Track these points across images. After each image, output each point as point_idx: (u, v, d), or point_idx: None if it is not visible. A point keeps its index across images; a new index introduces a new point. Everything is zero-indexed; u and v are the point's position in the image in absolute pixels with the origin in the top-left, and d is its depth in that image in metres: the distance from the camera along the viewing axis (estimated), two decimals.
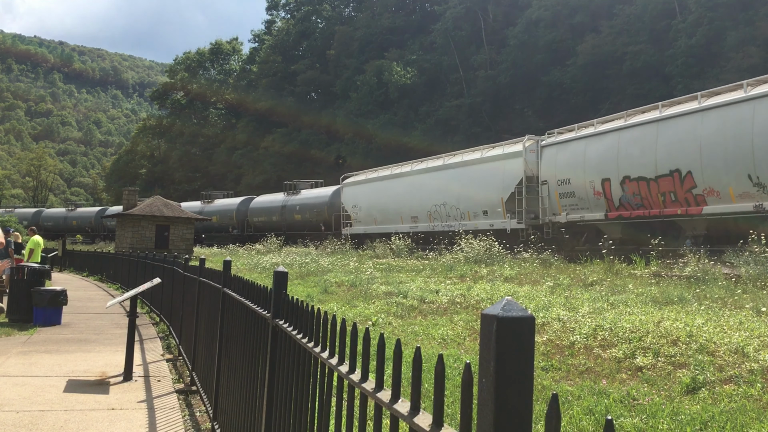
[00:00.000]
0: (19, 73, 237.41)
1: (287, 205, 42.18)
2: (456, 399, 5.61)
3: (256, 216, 46.04)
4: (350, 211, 35.27)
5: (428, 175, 29.72)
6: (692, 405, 5.65)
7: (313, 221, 39.15)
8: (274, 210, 43.86)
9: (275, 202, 44.47)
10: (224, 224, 49.67)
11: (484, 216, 25.81)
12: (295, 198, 42.29)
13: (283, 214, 42.42)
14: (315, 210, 39.13)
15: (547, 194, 22.95)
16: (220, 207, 51.26)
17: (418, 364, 1.58)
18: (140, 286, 8.39)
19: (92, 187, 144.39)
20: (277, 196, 45.51)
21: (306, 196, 41.56)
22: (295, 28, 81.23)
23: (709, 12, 40.40)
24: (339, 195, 37.05)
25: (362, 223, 34.15)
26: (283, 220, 42.32)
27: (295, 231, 40.69)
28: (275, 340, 3.32)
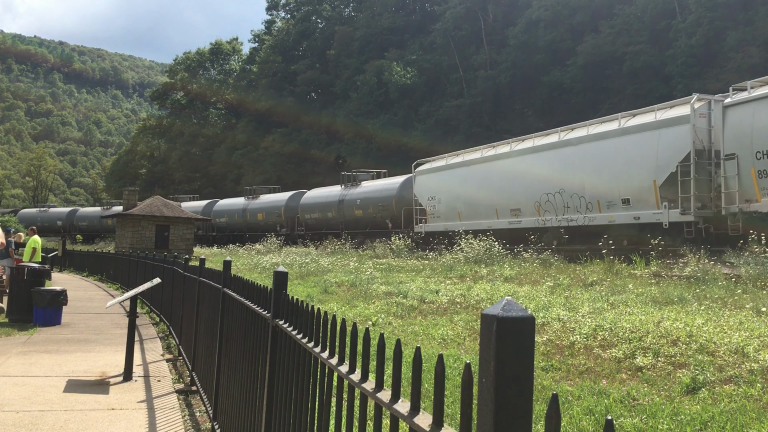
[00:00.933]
0: (19, 73, 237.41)
1: (345, 200, 36.14)
2: (456, 399, 5.61)
3: (308, 212, 40.35)
4: (425, 204, 29.53)
5: (536, 156, 23.35)
6: (692, 405, 5.65)
7: (378, 217, 33.70)
8: (329, 205, 37.97)
9: (331, 195, 38.51)
10: (271, 222, 44.44)
11: (624, 206, 19.70)
12: (354, 191, 36.23)
13: (340, 209, 36.69)
14: (380, 204, 33.22)
15: (736, 173, 16.66)
16: (266, 203, 45.88)
17: (418, 364, 1.58)
18: (140, 286, 8.39)
19: (92, 187, 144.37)
20: (333, 189, 39.64)
21: (368, 188, 35.39)
22: (295, 28, 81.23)
23: (709, 12, 40.39)
24: (410, 185, 31.49)
25: (441, 218, 28.27)
26: (340, 216, 36.71)
27: (355, 229, 35.24)
28: (275, 340, 3.32)
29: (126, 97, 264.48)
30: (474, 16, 59.99)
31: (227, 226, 50.18)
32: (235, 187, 70.68)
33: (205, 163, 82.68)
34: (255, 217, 46.48)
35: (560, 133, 22.85)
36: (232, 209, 50.12)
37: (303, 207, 41.14)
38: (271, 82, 79.27)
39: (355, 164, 59.62)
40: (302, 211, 41.08)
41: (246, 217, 47.35)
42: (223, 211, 51.05)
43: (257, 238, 41.93)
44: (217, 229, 51.01)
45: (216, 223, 50.99)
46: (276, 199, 45.81)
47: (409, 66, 61.43)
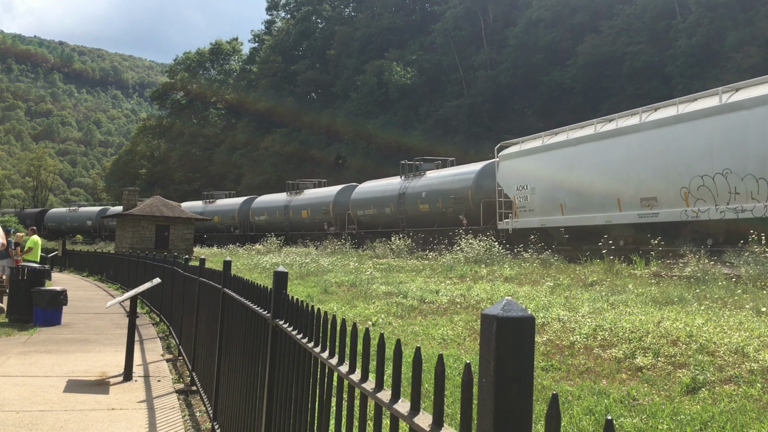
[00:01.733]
0: (19, 73, 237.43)
1: (407, 193, 31.38)
2: (456, 399, 5.61)
3: (361, 208, 34.91)
4: (514, 194, 23.89)
5: (683, 127, 17.47)
6: (692, 405, 5.65)
7: (448, 213, 28.34)
8: (386, 200, 32.91)
9: (389, 188, 33.07)
10: (317, 220, 39.38)
11: None
12: (418, 182, 31.06)
13: (401, 204, 31.49)
14: (451, 197, 28.07)
15: None
16: (311, 199, 41.01)
17: (418, 365, 1.58)
18: (140, 287, 8.39)
19: (92, 187, 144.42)
20: (392, 181, 34.18)
21: (435, 178, 30.31)
22: (295, 28, 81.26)
23: (709, 12, 40.41)
24: (490, 173, 26.23)
25: (536, 212, 22.64)
26: (400, 212, 31.52)
27: (419, 226, 30.40)
28: (275, 340, 3.32)
29: (126, 97, 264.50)
30: (474, 16, 60.00)
31: (267, 225, 45.34)
32: (235, 187, 70.72)
33: (205, 163, 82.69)
34: (299, 214, 41.98)
35: (722, 94, 16.61)
36: (273, 206, 45.51)
37: (355, 202, 35.70)
38: (271, 82, 79.31)
39: (355, 164, 59.68)
40: (354, 207, 35.57)
41: (289, 215, 42.63)
42: (262, 208, 46.44)
43: (301, 239, 38.87)
44: (256, 228, 46.04)
45: (255, 222, 46.94)
46: (323, 194, 40.32)
47: (409, 66, 61.46)
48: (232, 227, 50.16)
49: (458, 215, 27.54)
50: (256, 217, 46.95)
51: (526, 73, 51.60)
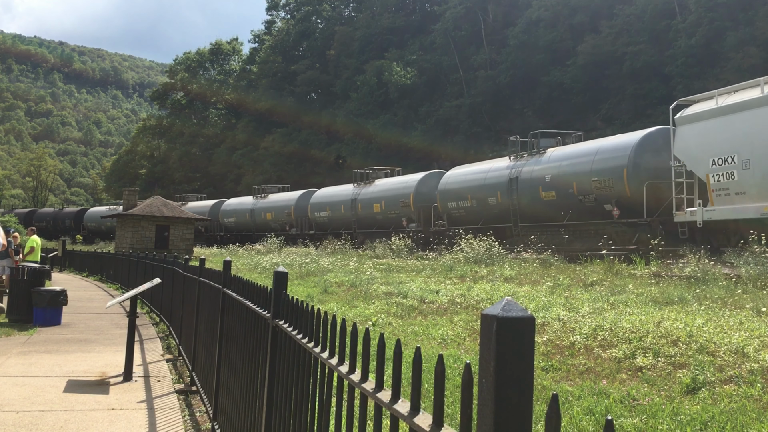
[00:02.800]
0: (19, 73, 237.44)
1: (521, 178, 23.98)
2: (456, 399, 5.61)
3: (452, 200, 27.78)
4: (705, 172, 16.94)
5: None
6: (692, 405, 5.65)
7: (587, 201, 21.18)
8: (489, 188, 25.59)
9: (492, 175, 25.82)
10: (390, 218, 32.08)
11: None
12: (537, 164, 23.60)
13: (511, 192, 24.21)
14: (593, 180, 20.71)
15: None
16: (382, 191, 33.34)
17: (418, 365, 1.58)
18: (140, 287, 8.39)
19: (92, 187, 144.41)
20: (488, 165, 27.17)
21: (559, 156, 22.92)
22: (295, 29, 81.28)
23: (709, 12, 40.41)
24: (657, 144, 19.63)
25: (751, 194, 15.70)
26: (510, 202, 24.33)
27: (535, 221, 23.41)
28: (275, 340, 3.32)
29: (126, 97, 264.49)
30: (474, 16, 60.00)
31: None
32: (235, 187, 70.73)
33: (205, 163, 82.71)
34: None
35: None
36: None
37: (444, 193, 28.29)
38: (271, 82, 79.32)
39: (355, 164, 59.66)
40: (443, 198, 28.33)
41: (356, 210, 35.53)
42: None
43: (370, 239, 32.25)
44: (312, 227, 40.15)
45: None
46: (402, 182, 32.68)
47: (409, 66, 61.46)
48: (287, 225, 44.97)
49: (603, 204, 20.60)
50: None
51: (526, 73, 51.60)
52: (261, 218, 45.11)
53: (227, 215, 49.35)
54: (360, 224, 34.66)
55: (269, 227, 43.35)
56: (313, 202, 39.90)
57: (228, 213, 49.43)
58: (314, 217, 39.33)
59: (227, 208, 49.91)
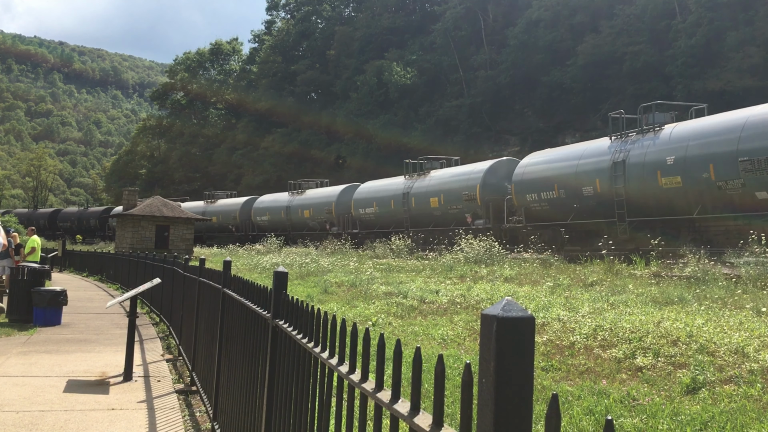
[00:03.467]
0: (19, 73, 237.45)
1: (629, 162, 19.67)
2: (456, 399, 5.61)
3: (530, 192, 23.52)
4: None
5: None
6: (692, 405, 5.65)
7: (732, 189, 16.52)
8: (594, 172, 20.95)
9: (593, 157, 21.30)
10: (451, 214, 28.30)
11: None
12: (655, 142, 19.14)
13: (616, 179, 19.94)
14: (747, 161, 15.91)
15: None
16: (448, 179, 29.20)
17: (418, 365, 1.58)
18: (140, 287, 8.39)
19: (92, 187, 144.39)
20: (596, 144, 22.01)
21: (692, 134, 18.02)
22: (295, 29, 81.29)
23: (709, 12, 40.41)
24: None
25: None
26: (615, 193, 19.83)
27: (646, 215, 19.26)
28: (275, 340, 3.32)
29: (126, 98, 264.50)
30: (474, 16, 60.02)
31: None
32: (235, 187, 70.75)
33: (205, 163, 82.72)
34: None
35: None
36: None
37: (521, 184, 24.18)
38: (271, 82, 79.34)
39: (355, 164, 59.71)
40: (519, 190, 24.31)
41: (409, 206, 31.56)
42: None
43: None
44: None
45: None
46: (465, 172, 28.36)
47: (409, 66, 61.47)
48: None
49: (755, 192, 15.53)
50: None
51: (526, 73, 51.60)
52: (297, 216, 41.59)
53: (260, 213, 45.33)
54: (413, 222, 30.71)
55: (306, 225, 40.41)
56: (357, 197, 35.98)
57: (261, 211, 45.28)
58: (358, 214, 35.59)
59: (260, 206, 45.86)
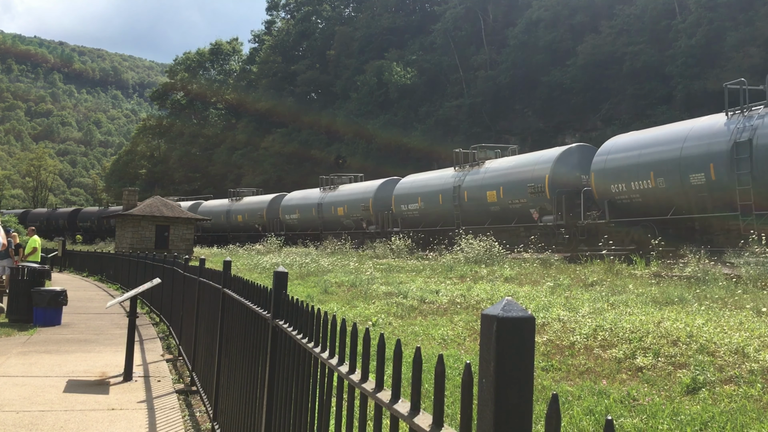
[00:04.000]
0: (19, 73, 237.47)
1: None
2: (456, 399, 5.61)
3: (617, 181, 20.48)
4: None
5: None
6: (692, 405, 5.65)
7: None
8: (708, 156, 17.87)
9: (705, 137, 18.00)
10: (513, 209, 25.34)
11: None
12: None
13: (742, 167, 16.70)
14: None
15: None
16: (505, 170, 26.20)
17: (418, 365, 1.58)
18: (140, 287, 8.39)
19: (92, 188, 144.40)
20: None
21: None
22: (295, 29, 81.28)
23: (709, 12, 40.40)
24: None
25: None
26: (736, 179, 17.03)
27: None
28: (275, 341, 3.32)
29: (126, 98, 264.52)
30: (474, 16, 60.01)
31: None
32: (235, 187, 70.71)
33: (205, 163, 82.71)
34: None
35: None
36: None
37: (604, 173, 20.98)
38: (271, 82, 79.33)
39: (355, 164, 59.69)
40: (603, 177, 21.11)
41: (460, 200, 28.31)
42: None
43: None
44: (397, 224, 32.58)
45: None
46: (526, 162, 25.51)
47: (409, 66, 61.46)
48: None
49: None
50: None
51: (526, 73, 51.60)
52: (330, 214, 38.39)
53: (288, 211, 41.81)
54: (466, 219, 27.33)
55: (341, 224, 37.31)
56: (398, 192, 32.83)
57: (289, 209, 41.69)
58: (400, 211, 32.30)
59: (288, 203, 42.31)
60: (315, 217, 39.53)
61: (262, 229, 43.29)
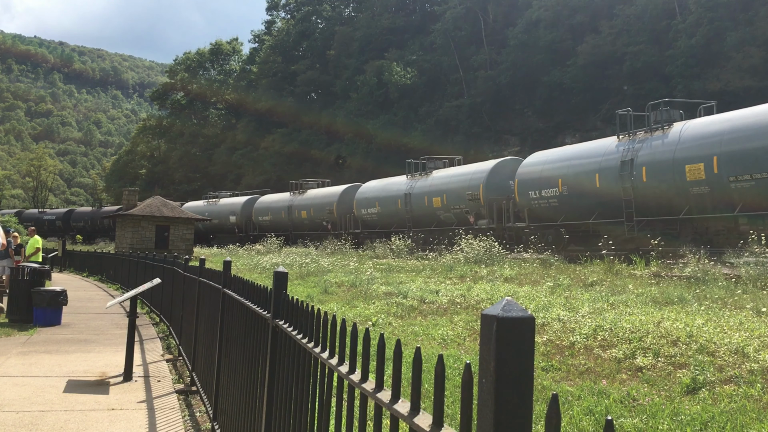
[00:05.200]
0: (19, 73, 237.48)
1: None
2: (456, 399, 5.61)
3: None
4: None
5: None
6: (692, 405, 5.65)
7: None
8: None
9: None
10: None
11: None
12: None
13: None
14: None
15: None
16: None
17: (418, 365, 1.58)
18: (140, 287, 8.39)
19: (92, 188, 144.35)
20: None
21: None
22: (295, 29, 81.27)
23: (709, 12, 40.40)
24: None
25: None
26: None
27: None
28: (275, 341, 3.32)
29: (126, 98, 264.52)
30: (474, 17, 60.00)
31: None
32: (235, 187, 70.73)
33: (205, 163, 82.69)
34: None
35: None
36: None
37: None
38: (271, 82, 79.30)
39: (355, 164, 59.72)
40: None
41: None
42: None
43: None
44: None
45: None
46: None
47: (409, 66, 61.46)
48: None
49: None
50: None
51: (526, 73, 51.59)
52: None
53: (366, 204, 35.27)
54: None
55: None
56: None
57: (367, 201, 35.14)
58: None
59: (365, 195, 35.77)
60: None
61: (331, 226, 38.11)
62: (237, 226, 46.53)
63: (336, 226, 36.43)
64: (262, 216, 43.48)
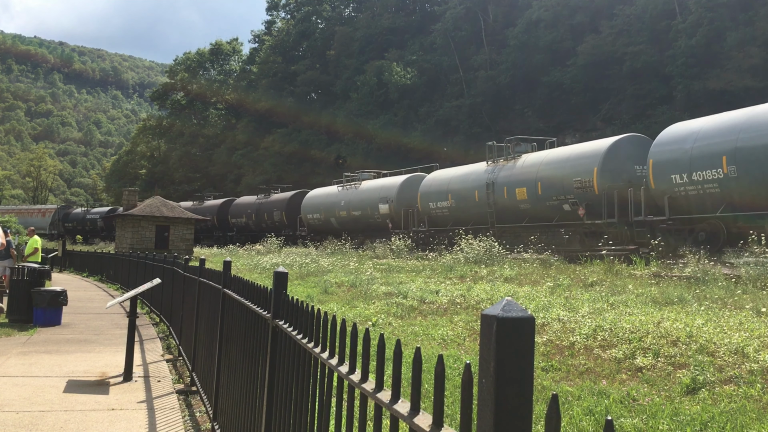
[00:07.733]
0: (19, 73, 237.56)
1: None
2: (456, 399, 5.61)
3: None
4: None
5: None
6: (692, 405, 5.65)
7: None
8: None
9: None
10: None
11: None
12: None
13: None
14: None
15: None
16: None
17: (418, 365, 1.58)
18: (140, 287, 8.39)
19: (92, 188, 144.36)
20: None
21: None
22: (295, 29, 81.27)
23: (709, 12, 40.39)
24: None
25: None
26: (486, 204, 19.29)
27: None
28: (275, 341, 3.32)
29: (126, 98, 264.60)
30: (474, 17, 60.00)
31: None
32: (235, 187, 70.69)
33: (205, 163, 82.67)
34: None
35: None
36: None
37: None
38: (271, 82, 79.29)
39: (355, 164, 59.68)
40: None
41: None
42: None
43: None
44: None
45: None
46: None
47: (409, 66, 61.45)
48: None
49: None
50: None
51: (526, 73, 51.59)
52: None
53: (433, 198, 29.67)
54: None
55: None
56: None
57: (435, 195, 29.47)
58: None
59: (430, 188, 29.99)
60: (484, 203, 28.42)
61: (393, 225, 32.71)
62: (280, 222, 42.44)
63: (396, 224, 31.54)
64: (312, 214, 38.37)
